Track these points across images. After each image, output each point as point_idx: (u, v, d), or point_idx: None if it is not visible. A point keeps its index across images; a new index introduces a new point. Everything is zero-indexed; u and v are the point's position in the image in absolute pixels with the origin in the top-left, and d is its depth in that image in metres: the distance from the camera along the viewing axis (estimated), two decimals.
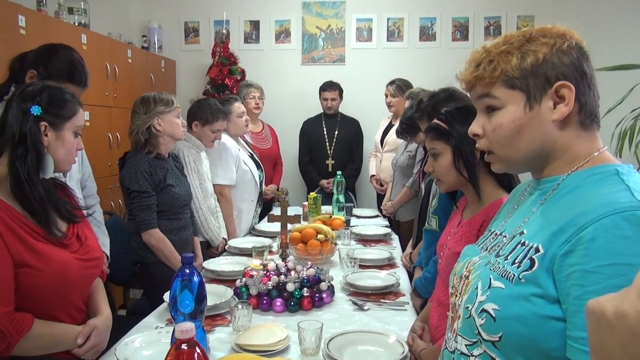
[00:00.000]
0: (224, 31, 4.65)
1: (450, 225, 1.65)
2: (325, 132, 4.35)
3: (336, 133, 4.33)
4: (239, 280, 1.89)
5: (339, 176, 3.25)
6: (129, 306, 2.77)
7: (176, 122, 2.40)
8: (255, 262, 2.08)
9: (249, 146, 3.47)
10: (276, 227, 2.73)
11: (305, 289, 1.82)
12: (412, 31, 4.83)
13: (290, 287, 1.80)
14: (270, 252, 2.45)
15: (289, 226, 2.44)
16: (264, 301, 1.79)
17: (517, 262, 0.85)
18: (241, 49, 4.82)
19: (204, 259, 2.50)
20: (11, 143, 1.35)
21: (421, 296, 1.97)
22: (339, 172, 3.30)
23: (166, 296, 1.72)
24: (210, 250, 2.80)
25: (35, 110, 1.37)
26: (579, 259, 0.75)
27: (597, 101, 0.89)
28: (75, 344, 1.40)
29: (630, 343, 0.47)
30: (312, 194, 3.24)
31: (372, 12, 4.85)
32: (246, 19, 4.92)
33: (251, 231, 3.15)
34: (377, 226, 3.20)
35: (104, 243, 2.11)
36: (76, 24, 3.36)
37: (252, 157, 3.33)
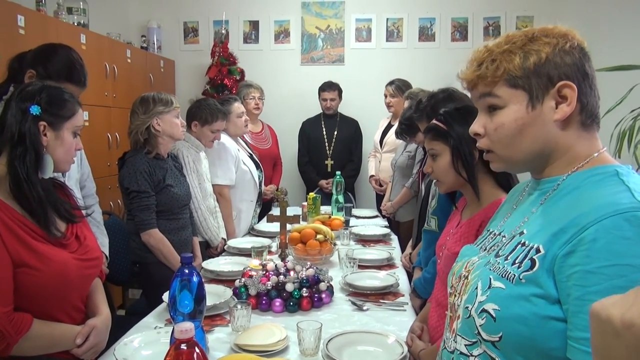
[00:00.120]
0: (223, 31, 4.65)
1: (449, 226, 1.65)
2: (325, 133, 4.35)
3: (335, 133, 4.33)
4: (238, 281, 1.89)
5: (338, 176, 3.25)
6: (128, 306, 2.77)
7: (175, 122, 2.40)
8: (254, 262, 2.08)
9: (248, 146, 3.47)
10: (275, 227, 2.73)
11: (304, 289, 1.82)
12: (411, 31, 4.83)
13: (289, 287, 1.80)
14: (270, 252, 2.45)
15: (288, 226, 2.44)
16: (263, 301, 1.79)
17: (517, 262, 0.85)
18: (240, 49, 4.82)
19: (203, 259, 2.50)
20: (10, 143, 1.34)
21: (420, 296, 1.97)
22: (338, 173, 3.30)
23: (165, 296, 1.72)
24: (210, 250, 2.80)
25: (35, 110, 1.37)
26: (580, 259, 0.75)
27: (597, 102, 0.90)
28: (74, 344, 1.40)
29: (636, 351, 0.47)
30: (312, 194, 3.25)
31: (371, 12, 4.85)
32: (245, 19, 4.91)
33: (250, 231, 3.15)
34: (376, 226, 3.19)
35: (103, 243, 2.11)
36: (75, 23, 3.36)
37: (251, 157, 3.33)
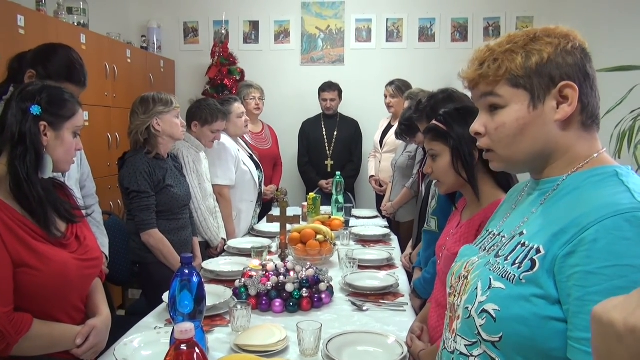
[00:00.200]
0: (223, 31, 4.65)
1: (449, 226, 1.65)
2: (325, 133, 4.35)
3: (335, 133, 4.33)
4: (238, 281, 1.89)
5: (338, 177, 3.25)
6: (128, 306, 2.77)
7: (175, 122, 2.40)
8: (254, 263, 2.08)
9: (248, 146, 3.47)
10: (275, 227, 2.73)
11: (304, 289, 1.81)
12: (411, 32, 4.83)
13: (289, 287, 1.80)
14: (270, 252, 2.45)
15: (288, 226, 2.44)
16: (263, 301, 1.79)
17: (517, 262, 0.85)
18: (240, 49, 4.82)
19: (203, 259, 2.50)
20: (10, 143, 1.34)
21: (420, 297, 1.97)
22: (338, 173, 3.30)
23: (165, 296, 1.72)
24: (210, 250, 2.80)
25: (35, 110, 1.37)
26: (581, 260, 0.75)
27: (598, 102, 0.90)
28: (74, 344, 1.40)
29: (639, 355, 0.47)
30: (311, 195, 3.25)
31: (371, 12, 4.85)
32: (245, 19, 4.91)
33: (250, 231, 3.15)
34: (376, 227, 3.19)
35: (103, 243, 2.11)
36: (75, 23, 3.36)
37: (251, 157, 3.33)
